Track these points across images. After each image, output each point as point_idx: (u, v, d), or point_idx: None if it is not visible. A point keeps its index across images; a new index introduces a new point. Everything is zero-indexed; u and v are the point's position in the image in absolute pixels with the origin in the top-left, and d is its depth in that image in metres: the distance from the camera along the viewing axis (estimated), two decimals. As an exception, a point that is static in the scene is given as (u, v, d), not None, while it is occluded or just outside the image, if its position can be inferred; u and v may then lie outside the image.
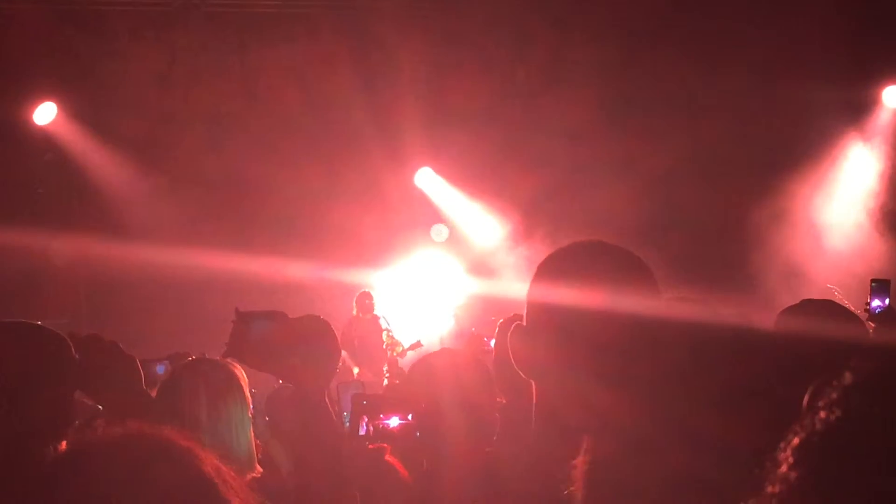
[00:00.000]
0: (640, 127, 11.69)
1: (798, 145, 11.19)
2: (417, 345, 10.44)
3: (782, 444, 0.76)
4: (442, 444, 2.46)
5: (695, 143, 11.53)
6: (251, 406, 2.98)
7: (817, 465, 0.72)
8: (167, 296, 11.02)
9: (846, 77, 10.70)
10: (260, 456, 2.99)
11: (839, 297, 6.54)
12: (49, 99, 11.30)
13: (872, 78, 11.26)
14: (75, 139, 11.56)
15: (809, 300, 3.24)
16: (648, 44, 11.56)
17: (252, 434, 2.91)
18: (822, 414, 0.73)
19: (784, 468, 0.74)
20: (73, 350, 2.30)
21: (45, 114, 11.31)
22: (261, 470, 2.87)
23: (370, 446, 2.40)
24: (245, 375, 3.08)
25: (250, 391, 3.03)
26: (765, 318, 3.08)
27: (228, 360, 3.03)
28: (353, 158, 12.08)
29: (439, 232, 12.89)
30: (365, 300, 10.89)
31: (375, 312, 10.90)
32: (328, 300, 11.35)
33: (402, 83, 11.88)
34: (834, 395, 0.75)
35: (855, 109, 11.42)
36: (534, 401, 1.33)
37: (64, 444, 2.14)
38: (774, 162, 11.20)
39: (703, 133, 11.50)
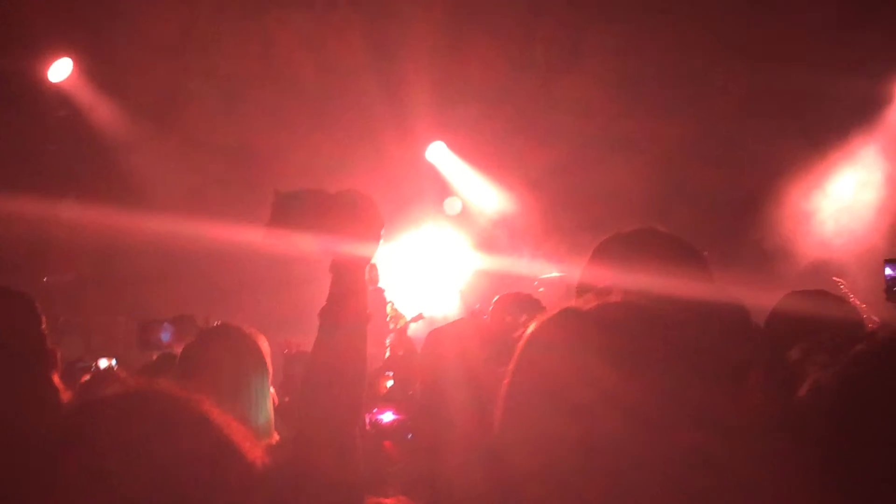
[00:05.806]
0: (652, 104, 11.64)
1: (809, 125, 11.13)
2: (419, 317, 10.44)
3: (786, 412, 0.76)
4: (445, 426, 2.46)
5: (705, 121, 11.50)
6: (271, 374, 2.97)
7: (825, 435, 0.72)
8: (173, 259, 11.03)
9: (859, 59, 10.60)
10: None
11: (844, 291, 6.55)
12: (65, 55, 11.21)
13: (886, 61, 11.15)
14: (89, 97, 11.49)
15: (818, 290, 3.26)
16: (661, 21, 11.49)
17: (271, 404, 2.90)
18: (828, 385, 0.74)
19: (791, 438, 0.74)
20: (39, 312, 2.34)
21: (60, 70, 11.23)
22: (277, 437, 2.86)
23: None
24: (268, 345, 3.07)
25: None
26: (769, 297, 3.09)
27: (252, 329, 3.03)
28: (364, 130, 12.04)
29: (452, 205, 12.80)
30: (369, 272, 10.84)
31: (379, 286, 10.87)
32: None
33: (416, 56, 11.81)
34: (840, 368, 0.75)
35: (867, 91, 11.31)
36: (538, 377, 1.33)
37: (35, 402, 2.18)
38: (784, 141, 11.15)
39: (713, 111, 11.46)
